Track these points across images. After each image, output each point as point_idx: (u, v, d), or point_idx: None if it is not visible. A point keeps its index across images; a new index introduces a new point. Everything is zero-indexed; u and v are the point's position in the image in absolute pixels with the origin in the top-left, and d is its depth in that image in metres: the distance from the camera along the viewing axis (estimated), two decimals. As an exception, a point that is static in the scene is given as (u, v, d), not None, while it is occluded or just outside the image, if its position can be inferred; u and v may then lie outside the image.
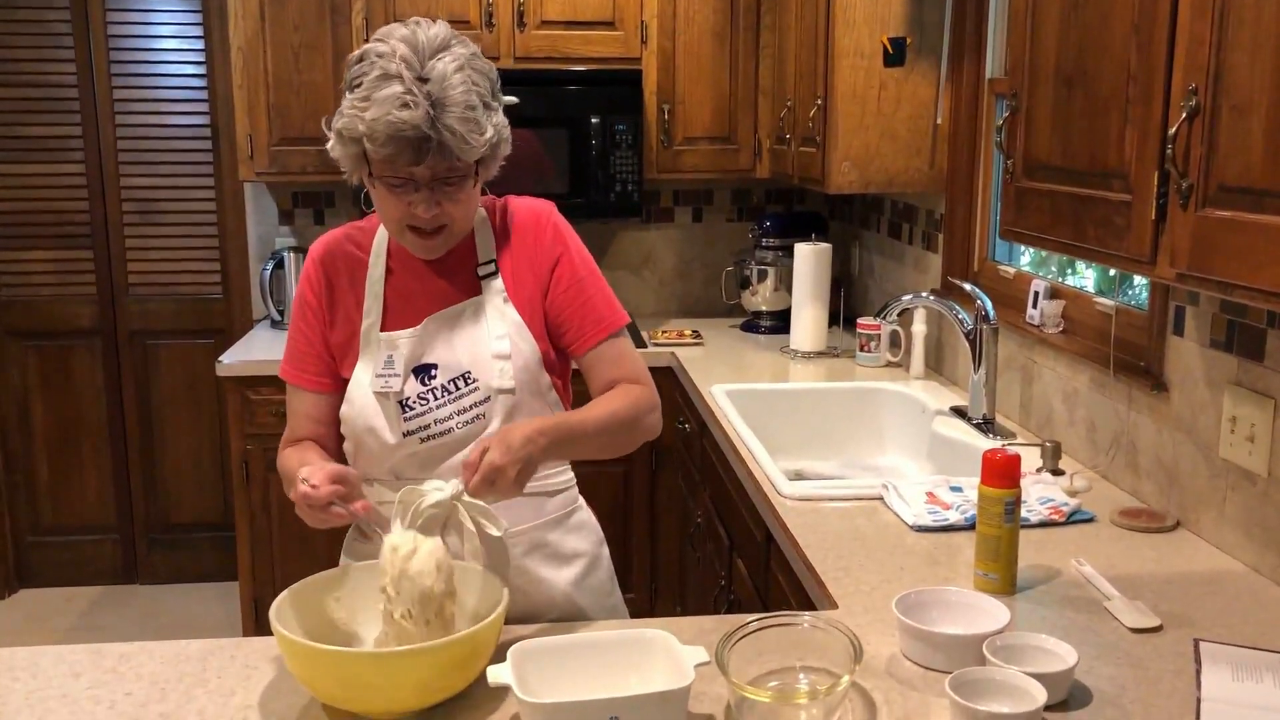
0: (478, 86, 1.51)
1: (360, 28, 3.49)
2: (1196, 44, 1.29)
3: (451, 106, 1.46)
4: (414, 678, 1.27)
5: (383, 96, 1.45)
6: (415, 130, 1.45)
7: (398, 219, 1.56)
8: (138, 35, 4.03)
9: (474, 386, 1.62)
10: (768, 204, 4.13)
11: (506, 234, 1.69)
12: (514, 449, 1.43)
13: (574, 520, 1.75)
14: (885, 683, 1.38)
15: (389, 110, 1.44)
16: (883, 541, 1.85)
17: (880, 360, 3.18)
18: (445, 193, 1.53)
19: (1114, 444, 2.13)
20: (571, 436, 1.55)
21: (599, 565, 1.78)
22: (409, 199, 1.52)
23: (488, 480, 1.41)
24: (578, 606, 1.72)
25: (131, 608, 4.17)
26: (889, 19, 2.86)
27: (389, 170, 1.50)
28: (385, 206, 1.56)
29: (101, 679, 1.40)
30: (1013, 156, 1.78)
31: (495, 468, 1.41)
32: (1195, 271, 1.31)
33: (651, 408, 1.68)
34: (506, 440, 1.44)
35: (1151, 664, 1.42)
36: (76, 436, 4.25)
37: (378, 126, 1.45)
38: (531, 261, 1.67)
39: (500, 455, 1.42)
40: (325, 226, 3.96)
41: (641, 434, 1.67)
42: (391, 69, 1.46)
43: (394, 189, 1.52)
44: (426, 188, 1.51)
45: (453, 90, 1.47)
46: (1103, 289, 2.34)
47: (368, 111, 1.46)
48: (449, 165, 1.50)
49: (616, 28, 3.57)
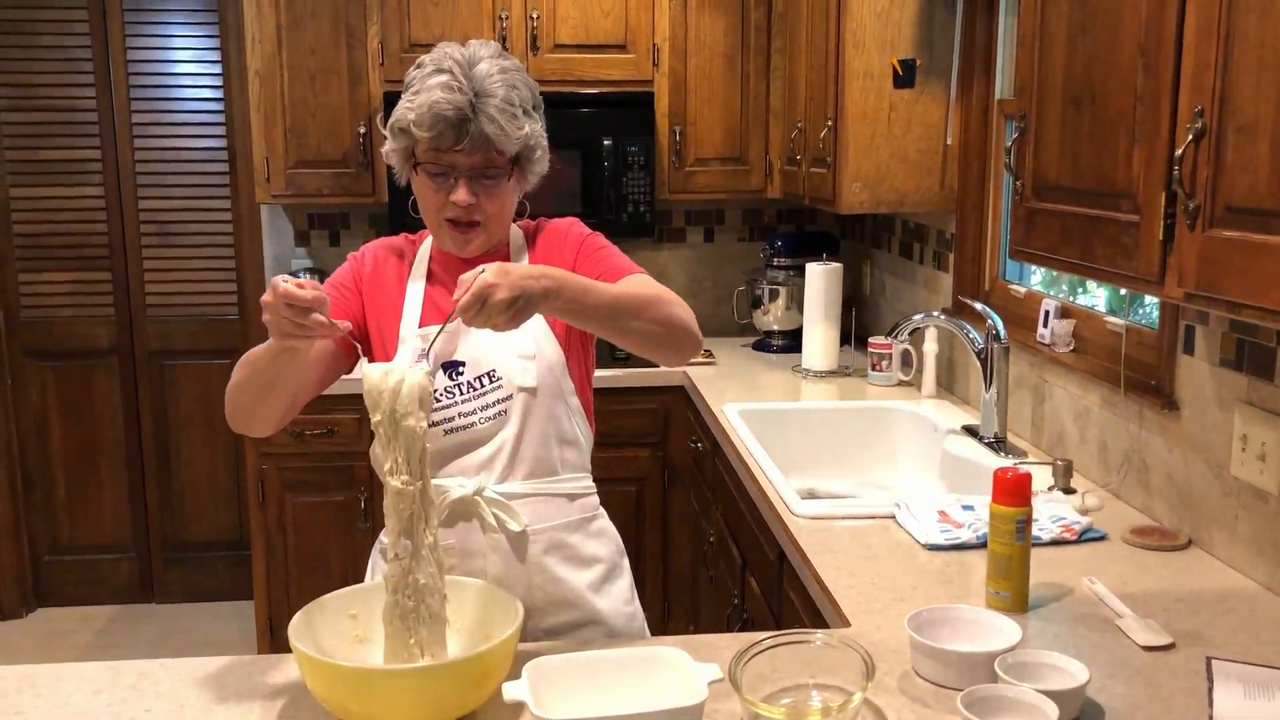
0: (517, 90, 1.63)
1: (376, 52, 3.53)
2: (1202, 66, 1.30)
3: (491, 97, 1.58)
4: (431, 694, 1.29)
5: (430, 84, 1.58)
6: (457, 111, 1.56)
7: (437, 209, 1.65)
8: (156, 60, 4.08)
9: (498, 384, 1.66)
10: (779, 224, 4.15)
11: (537, 248, 1.77)
12: (511, 275, 1.39)
13: (594, 527, 1.77)
14: (898, 700, 1.39)
15: (435, 94, 1.56)
16: (895, 560, 1.86)
17: (892, 379, 3.19)
18: (483, 186, 1.63)
19: (1125, 462, 2.14)
20: (580, 290, 1.48)
21: (619, 573, 1.80)
22: (448, 187, 1.62)
23: (478, 297, 1.36)
24: (596, 609, 1.73)
25: (148, 626, 4.19)
26: (899, 41, 2.89)
27: (433, 157, 1.61)
28: (426, 197, 1.65)
29: (121, 696, 1.42)
30: (1021, 177, 1.80)
31: (488, 284, 1.36)
32: (1203, 291, 1.32)
33: (680, 303, 1.62)
34: (506, 267, 1.40)
35: (1164, 682, 1.43)
36: (94, 455, 4.29)
37: (424, 109, 1.57)
38: (559, 262, 1.71)
39: (496, 275, 1.37)
40: (341, 248, 4.00)
41: (671, 324, 1.59)
42: (443, 65, 1.60)
43: (434, 177, 1.62)
44: (465, 178, 1.61)
45: (493, 84, 1.59)
46: (1114, 308, 2.35)
47: (416, 99, 1.59)
48: (486, 157, 1.60)
49: (629, 51, 3.61)
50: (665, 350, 1.63)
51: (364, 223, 4.00)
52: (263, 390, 1.58)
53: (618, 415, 3.36)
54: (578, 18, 3.57)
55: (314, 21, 3.52)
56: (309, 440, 3.40)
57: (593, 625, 1.73)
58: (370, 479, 3.44)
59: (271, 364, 1.53)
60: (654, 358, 1.66)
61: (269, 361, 1.53)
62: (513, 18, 3.54)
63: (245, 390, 1.59)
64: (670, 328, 1.60)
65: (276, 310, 1.38)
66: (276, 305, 1.38)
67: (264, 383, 1.56)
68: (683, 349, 1.64)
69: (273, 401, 1.60)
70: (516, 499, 1.66)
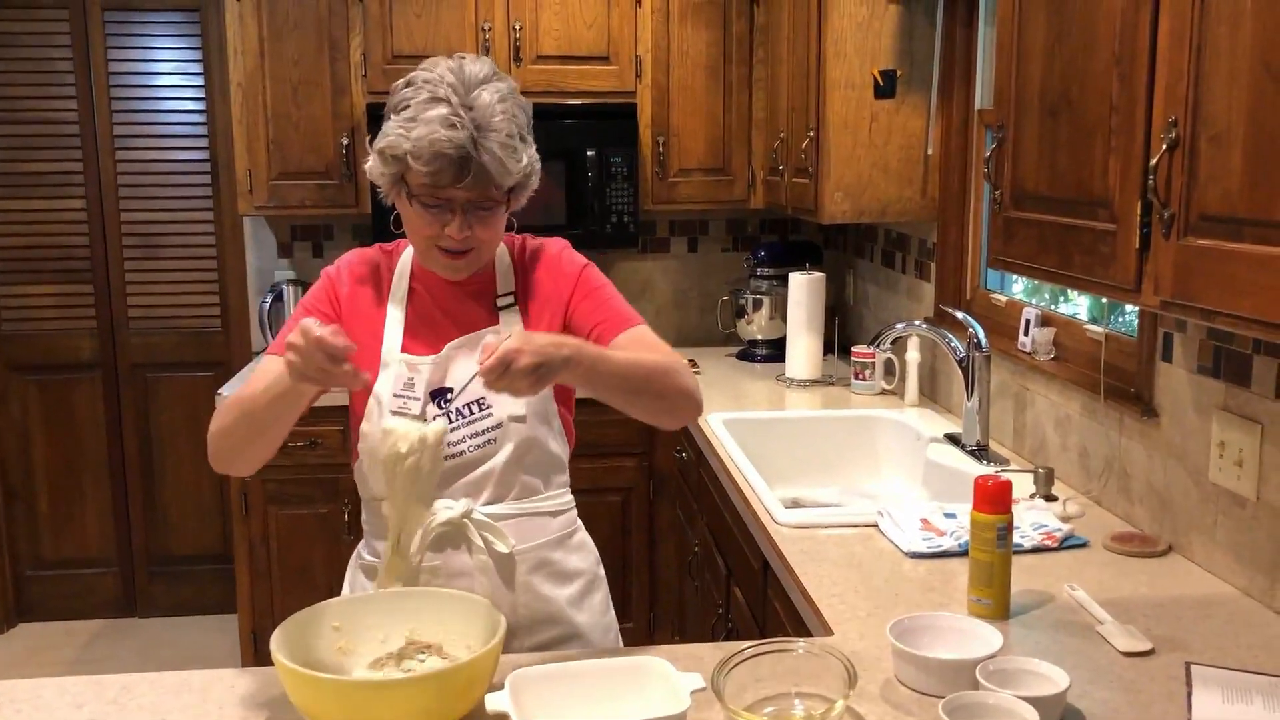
0: (516, 119, 1.58)
1: (358, 64, 3.53)
2: (1175, 77, 1.32)
3: (493, 132, 1.53)
4: (414, 705, 1.28)
5: (429, 116, 1.51)
6: (459, 149, 1.50)
7: (428, 238, 1.61)
8: (138, 72, 4.07)
9: (488, 412, 1.65)
10: (762, 234, 4.17)
11: (524, 269, 1.74)
12: (535, 342, 1.40)
13: (575, 540, 1.77)
14: (880, 707, 1.39)
15: (435, 129, 1.50)
16: (878, 568, 1.87)
17: (875, 388, 3.20)
18: (478, 217, 1.59)
19: (1106, 469, 2.15)
20: (596, 359, 1.50)
21: (597, 584, 1.80)
22: (443, 220, 1.57)
23: (503, 363, 1.37)
24: (575, 624, 1.73)
25: (131, 640, 4.16)
26: (879, 51, 2.91)
27: (428, 191, 1.56)
28: (417, 226, 1.61)
29: (103, 710, 1.41)
30: (1000, 187, 1.81)
31: (514, 350, 1.37)
32: (1179, 299, 1.33)
33: (685, 370, 1.64)
34: (529, 335, 1.43)
35: (1143, 687, 1.44)
36: (77, 469, 4.26)
37: (422, 144, 1.50)
38: (550, 294, 1.71)
39: (520, 341, 1.39)
40: (324, 259, 3.99)
41: (675, 394, 1.61)
42: (439, 93, 1.53)
43: (429, 209, 1.57)
44: (461, 211, 1.57)
45: (495, 118, 1.53)
46: (1096, 316, 2.37)
47: (414, 130, 1.51)
48: (484, 192, 1.56)
49: (612, 62, 3.62)
50: (665, 418, 1.66)
51: (347, 234, 4.00)
52: (256, 432, 1.59)
53: (603, 426, 3.33)
54: (560, 29, 3.58)
55: (296, 33, 3.52)
56: (292, 452, 3.39)
57: (573, 640, 1.73)
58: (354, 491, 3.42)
59: (271, 406, 1.53)
60: (652, 422, 1.68)
61: (269, 403, 1.53)
62: (495, 29, 3.54)
63: (234, 433, 1.60)
64: (674, 400, 1.62)
65: (309, 355, 1.39)
66: (310, 350, 1.38)
67: (260, 425, 1.57)
68: (682, 418, 1.68)
69: (266, 443, 1.62)
70: (503, 520, 1.66)
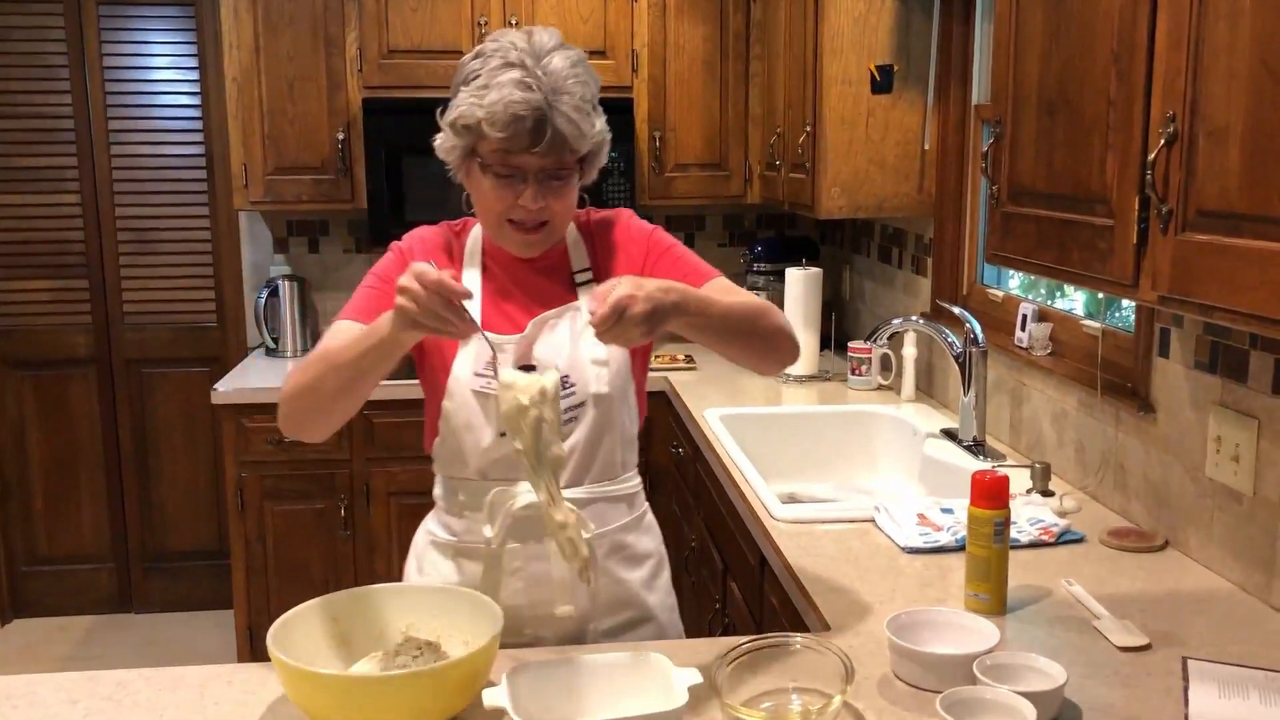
0: (588, 85, 1.55)
1: (354, 59, 3.52)
2: (1173, 73, 1.32)
3: (566, 95, 1.50)
4: (411, 701, 1.28)
5: (503, 80, 1.48)
6: (535, 111, 1.47)
7: (500, 211, 1.56)
8: (133, 67, 4.06)
9: (571, 390, 1.62)
10: (759, 229, 4.16)
11: (595, 241, 1.71)
12: (645, 288, 1.36)
13: (645, 521, 1.78)
14: (877, 703, 1.39)
15: (510, 91, 1.47)
16: (875, 563, 1.87)
17: (871, 384, 3.20)
18: (551, 187, 1.55)
19: (1103, 465, 2.15)
20: (703, 302, 1.48)
21: (664, 565, 1.81)
22: (516, 190, 1.53)
23: (616, 311, 1.32)
24: (647, 605, 1.74)
25: (127, 636, 4.16)
26: (876, 46, 2.90)
27: (501, 159, 1.52)
28: (489, 199, 1.56)
29: (98, 706, 1.41)
30: (997, 182, 1.81)
31: (627, 296, 1.33)
32: (1176, 294, 1.33)
33: (778, 311, 1.63)
34: (639, 280, 1.38)
35: (1140, 682, 1.44)
36: (72, 465, 4.26)
37: (497, 109, 1.47)
38: (625, 262, 1.69)
39: (632, 288, 1.34)
40: (320, 255, 3.99)
41: (776, 333, 1.60)
42: (511, 57, 1.50)
43: (502, 179, 1.53)
44: (534, 180, 1.53)
45: (568, 81, 1.50)
46: (1092, 311, 2.37)
47: (487, 96, 1.48)
48: (558, 159, 1.52)
49: (608, 57, 3.62)
50: (770, 359, 1.64)
51: (343, 229, 3.99)
52: (341, 389, 1.49)
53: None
54: (556, 24, 3.52)
55: (292, 28, 3.51)
56: (288, 448, 3.38)
57: (645, 623, 1.73)
58: (351, 487, 3.43)
59: (363, 358, 1.44)
60: (756, 367, 1.67)
61: (361, 354, 1.44)
62: (491, 24, 3.53)
63: (317, 390, 1.50)
64: (776, 339, 1.62)
65: (423, 300, 1.30)
66: (425, 295, 1.30)
67: (346, 380, 1.48)
68: (785, 358, 1.66)
69: (349, 401, 1.52)
70: (582, 505, 1.62)
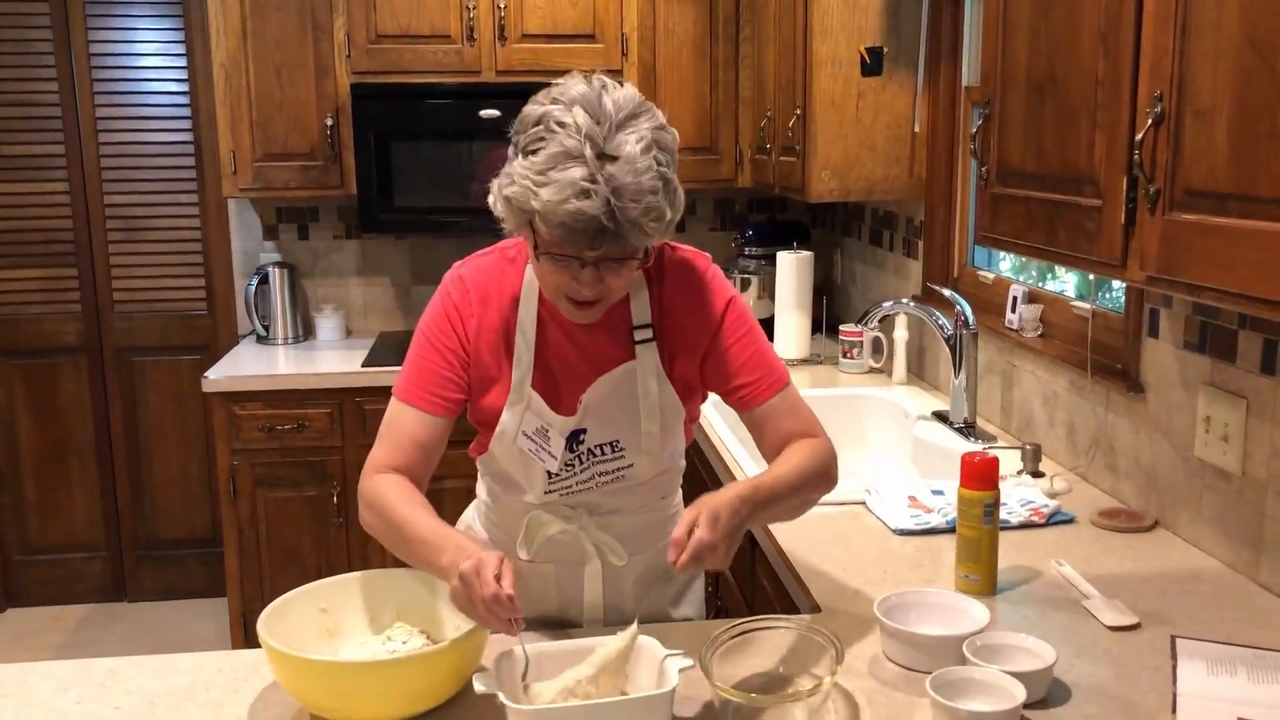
0: (663, 167, 1.39)
1: (342, 44, 3.50)
2: (1160, 52, 1.32)
3: (633, 195, 1.34)
4: (401, 686, 1.29)
5: (562, 179, 1.33)
6: (592, 221, 1.34)
7: (557, 286, 1.47)
8: (120, 53, 4.03)
9: (620, 454, 1.60)
10: (750, 213, 4.16)
11: (662, 287, 1.60)
12: (722, 524, 1.35)
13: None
14: (868, 683, 1.40)
15: (567, 197, 1.33)
16: (866, 545, 1.87)
17: (863, 366, 3.20)
18: (610, 268, 1.43)
19: (1093, 445, 2.16)
20: (770, 500, 1.48)
21: (698, 575, 1.83)
22: (572, 272, 1.43)
23: (697, 558, 1.33)
24: (673, 619, 1.77)
25: (120, 625, 4.16)
26: (866, 28, 2.89)
27: (558, 248, 1.40)
28: (545, 275, 1.47)
29: (90, 694, 1.41)
30: (987, 163, 1.81)
31: (706, 544, 1.33)
32: (1164, 274, 1.33)
33: (834, 459, 1.62)
34: (714, 516, 1.35)
35: (1129, 661, 1.45)
36: (63, 454, 4.25)
37: (552, 209, 1.34)
38: (693, 330, 1.60)
39: (709, 532, 1.34)
40: (309, 241, 3.98)
41: (827, 487, 1.61)
42: (572, 147, 1.34)
43: (558, 261, 1.42)
44: (592, 266, 1.42)
45: (637, 177, 1.35)
46: (1083, 292, 2.37)
47: (544, 190, 1.34)
48: (620, 253, 1.42)
49: (597, 40, 3.60)
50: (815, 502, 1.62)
51: (332, 215, 3.98)
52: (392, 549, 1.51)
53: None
54: (545, 7, 3.56)
55: (279, 14, 3.49)
56: (280, 435, 3.38)
57: None
58: (343, 473, 3.43)
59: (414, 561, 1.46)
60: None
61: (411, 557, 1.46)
62: (480, 8, 3.51)
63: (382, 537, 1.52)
64: (828, 485, 1.61)
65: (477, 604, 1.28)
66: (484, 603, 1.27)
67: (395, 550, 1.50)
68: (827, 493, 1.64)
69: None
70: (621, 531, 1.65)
